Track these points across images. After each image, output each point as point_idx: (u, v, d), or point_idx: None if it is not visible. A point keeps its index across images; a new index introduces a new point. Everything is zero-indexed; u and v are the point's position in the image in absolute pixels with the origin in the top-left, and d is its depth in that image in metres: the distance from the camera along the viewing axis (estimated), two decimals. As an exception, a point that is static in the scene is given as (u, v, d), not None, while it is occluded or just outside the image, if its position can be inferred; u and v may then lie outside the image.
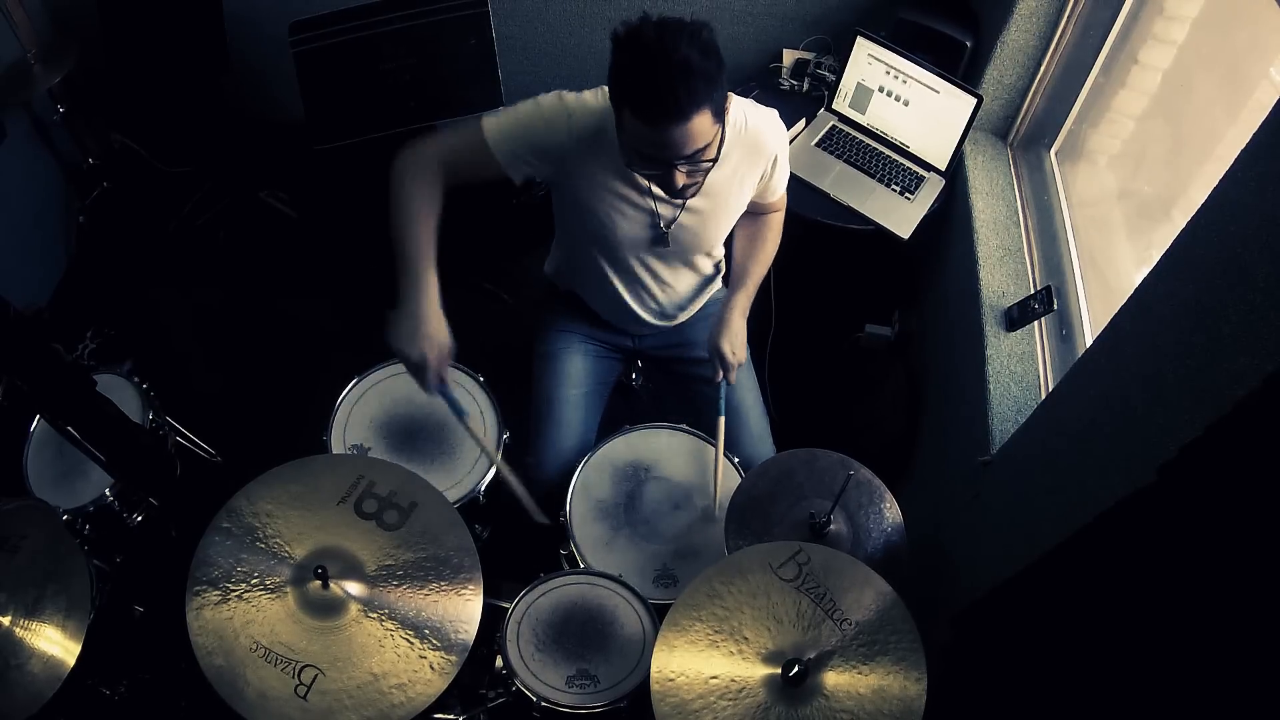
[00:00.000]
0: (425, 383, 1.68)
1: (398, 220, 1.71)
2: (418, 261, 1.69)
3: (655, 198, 1.78)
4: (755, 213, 1.99)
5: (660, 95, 1.47)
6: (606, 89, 1.70)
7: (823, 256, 2.68)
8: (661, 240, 1.86)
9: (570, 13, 2.78)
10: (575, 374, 2.07)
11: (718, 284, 2.12)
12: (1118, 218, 2.26)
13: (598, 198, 1.77)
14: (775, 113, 1.84)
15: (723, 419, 1.92)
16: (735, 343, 1.93)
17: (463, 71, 2.44)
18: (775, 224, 2.03)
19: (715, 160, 1.64)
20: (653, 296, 2.00)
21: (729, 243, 2.04)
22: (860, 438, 2.51)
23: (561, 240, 2.03)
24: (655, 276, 1.96)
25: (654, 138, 1.53)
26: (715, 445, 1.90)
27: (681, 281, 2.00)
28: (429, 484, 1.63)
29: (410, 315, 1.66)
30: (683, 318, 2.11)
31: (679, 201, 1.78)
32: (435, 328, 1.66)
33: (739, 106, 1.76)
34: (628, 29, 1.50)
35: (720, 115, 1.57)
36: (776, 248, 2.04)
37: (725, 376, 1.94)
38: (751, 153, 1.79)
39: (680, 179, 1.61)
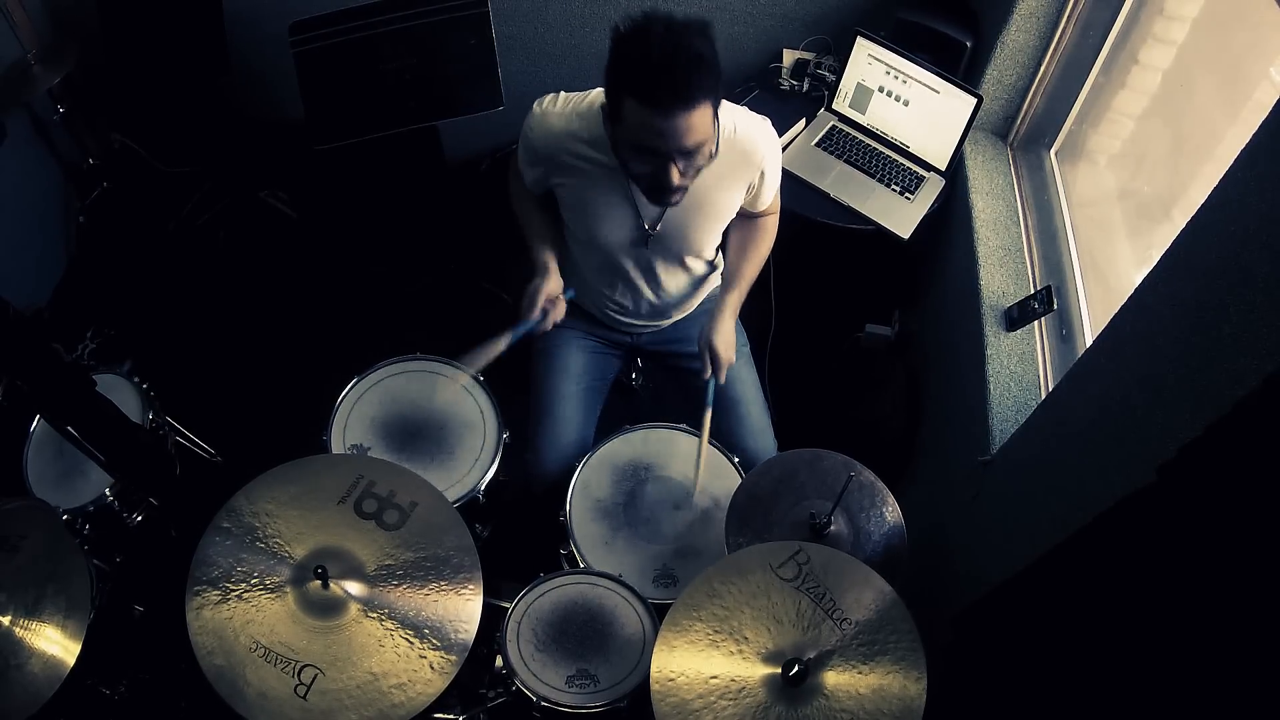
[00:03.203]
0: (527, 308, 1.85)
1: (521, 219, 2.00)
2: (535, 241, 1.95)
3: (637, 199, 1.79)
4: (747, 216, 2.00)
5: (672, 79, 1.50)
6: (586, 95, 1.76)
7: (823, 256, 2.67)
8: (645, 241, 1.86)
9: (570, 13, 2.78)
10: (573, 369, 2.07)
11: (714, 281, 2.12)
12: (1118, 218, 2.26)
13: (582, 195, 1.79)
14: (768, 122, 1.85)
15: (709, 411, 1.91)
16: (725, 341, 1.93)
17: (463, 71, 2.43)
18: (769, 227, 2.04)
19: (710, 160, 1.66)
20: (644, 296, 2.00)
21: (724, 244, 2.05)
22: (860, 438, 2.51)
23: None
24: (646, 276, 1.96)
25: (658, 124, 1.54)
26: (699, 436, 1.89)
27: (673, 282, 2.00)
28: (429, 484, 1.63)
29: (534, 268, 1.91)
30: (677, 316, 2.12)
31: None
32: (544, 276, 1.88)
33: (729, 112, 1.77)
34: (633, 23, 1.53)
35: (716, 116, 1.61)
36: (769, 249, 2.05)
37: (715, 374, 1.93)
38: (740, 160, 1.80)
39: (675, 175, 1.63)
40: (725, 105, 1.77)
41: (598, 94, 1.74)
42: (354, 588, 1.50)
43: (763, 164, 1.83)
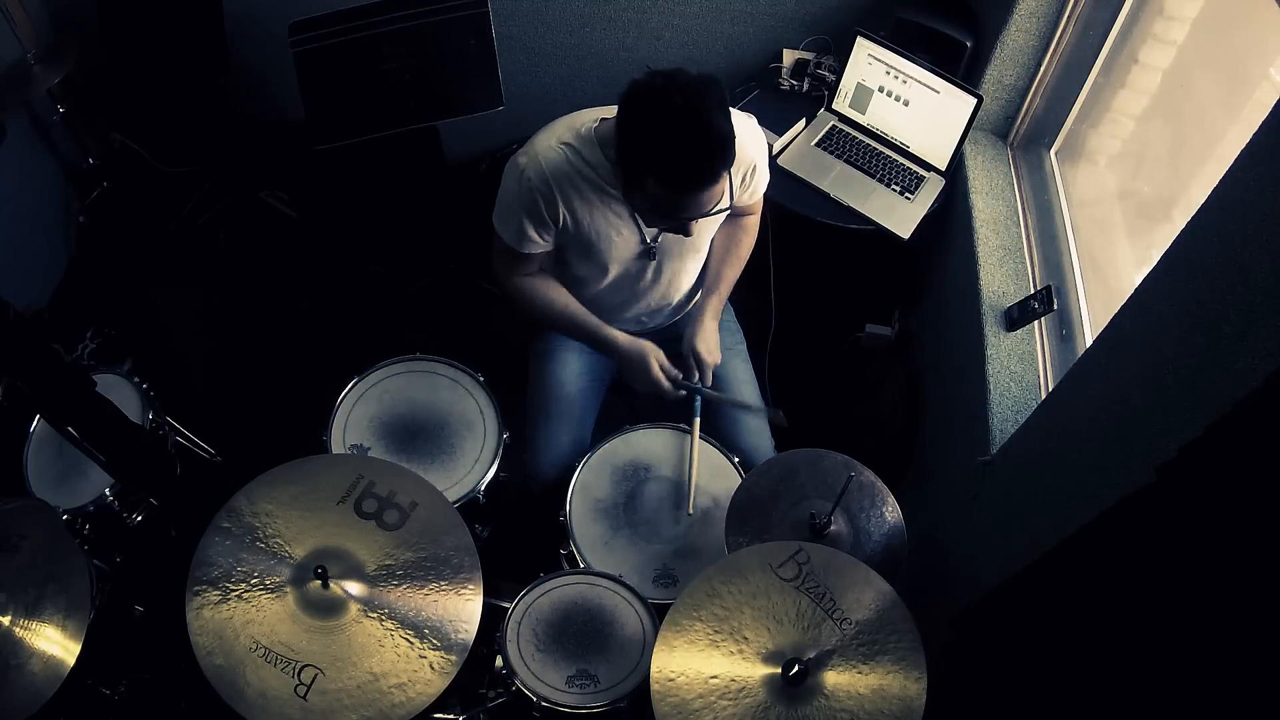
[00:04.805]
0: (665, 392, 1.91)
1: (553, 322, 1.97)
2: (592, 326, 1.93)
3: (638, 215, 1.79)
4: (733, 214, 2.00)
5: (698, 167, 1.51)
6: (557, 125, 1.73)
7: (823, 256, 2.67)
8: (649, 253, 1.87)
9: (570, 13, 2.78)
10: (572, 370, 2.07)
11: None
12: (1118, 218, 2.26)
13: (586, 224, 1.78)
14: (753, 119, 1.87)
15: (698, 420, 1.94)
16: (709, 344, 1.96)
17: (463, 71, 2.43)
18: (751, 227, 2.06)
19: (729, 208, 1.69)
20: (648, 300, 2.01)
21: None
22: (860, 438, 2.51)
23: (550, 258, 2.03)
24: (650, 283, 1.96)
25: (680, 202, 1.57)
26: (691, 447, 1.91)
27: (675, 283, 2.00)
28: (429, 484, 1.63)
29: (622, 358, 1.92)
30: (678, 315, 2.13)
31: None
32: (639, 350, 1.90)
33: None
34: (647, 89, 1.49)
35: (730, 173, 1.61)
36: (750, 250, 2.06)
37: (701, 378, 1.95)
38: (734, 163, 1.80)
39: (692, 228, 1.69)
40: None
41: (580, 119, 1.73)
42: (354, 588, 1.50)
43: (754, 160, 1.84)
